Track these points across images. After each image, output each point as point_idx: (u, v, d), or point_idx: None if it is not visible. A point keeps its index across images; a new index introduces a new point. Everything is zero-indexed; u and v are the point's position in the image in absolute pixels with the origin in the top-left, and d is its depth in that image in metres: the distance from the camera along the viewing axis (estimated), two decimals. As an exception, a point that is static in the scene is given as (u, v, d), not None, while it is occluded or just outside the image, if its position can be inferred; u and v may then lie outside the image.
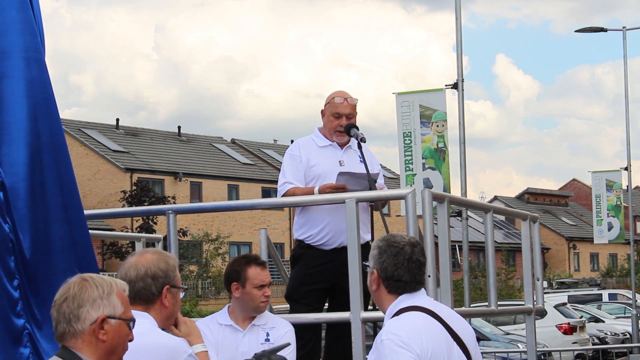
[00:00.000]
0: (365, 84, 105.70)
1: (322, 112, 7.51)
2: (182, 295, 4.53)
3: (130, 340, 3.69)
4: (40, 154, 4.92)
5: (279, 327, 6.09)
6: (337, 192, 7.02)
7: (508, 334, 23.31)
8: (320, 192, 7.10)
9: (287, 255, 51.08)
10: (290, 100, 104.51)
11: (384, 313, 4.50)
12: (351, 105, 7.40)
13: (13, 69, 4.94)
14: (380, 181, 7.31)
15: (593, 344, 26.04)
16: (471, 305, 16.83)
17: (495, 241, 8.33)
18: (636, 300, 28.53)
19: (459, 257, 50.38)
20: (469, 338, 4.48)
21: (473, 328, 4.69)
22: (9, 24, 4.94)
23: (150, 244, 9.00)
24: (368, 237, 7.19)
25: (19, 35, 4.95)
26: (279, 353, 4.57)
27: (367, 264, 4.56)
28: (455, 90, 16.87)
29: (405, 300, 4.43)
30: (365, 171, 7.07)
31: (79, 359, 3.55)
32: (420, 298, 4.46)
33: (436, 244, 6.09)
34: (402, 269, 4.43)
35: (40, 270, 4.82)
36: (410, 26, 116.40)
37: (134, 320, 3.69)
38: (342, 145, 7.44)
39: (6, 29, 4.94)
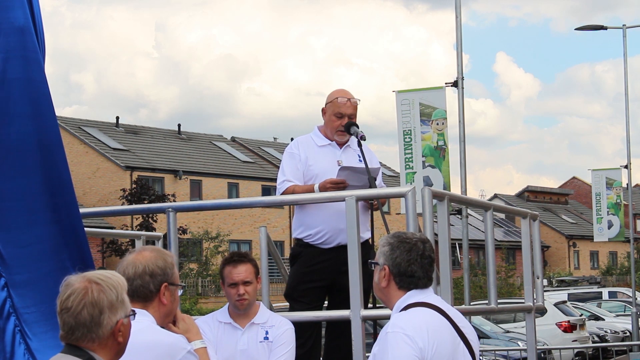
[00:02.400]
0: (367, 82, 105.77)
1: (323, 110, 7.49)
2: (180, 292, 4.53)
3: None
4: (25, 155, 4.91)
5: (278, 326, 6.09)
6: (337, 187, 7.03)
7: (508, 331, 23.31)
8: (321, 188, 7.10)
9: (287, 253, 51.05)
10: (292, 99, 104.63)
11: (391, 309, 4.49)
12: (353, 106, 7.39)
13: (8, 70, 4.93)
14: (378, 180, 7.30)
15: (593, 342, 26.04)
16: (471, 303, 16.83)
17: (495, 239, 8.31)
18: (636, 299, 28.54)
19: (459, 255, 50.38)
20: (473, 337, 4.49)
21: (473, 326, 4.70)
22: (7, 25, 4.93)
23: (150, 242, 8.98)
24: (367, 236, 7.18)
25: (17, 35, 4.94)
26: None
27: (373, 261, 4.55)
28: (456, 89, 16.88)
29: (414, 296, 4.43)
30: (366, 170, 7.06)
31: (91, 357, 3.56)
32: (429, 295, 4.47)
33: (436, 242, 6.08)
34: (416, 264, 4.45)
35: (26, 272, 4.80)
36: (412, 24, 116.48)
37: (134, 312, 3.72)
38: (340, 145, 7.43)
39: (3, 29, 4.94)
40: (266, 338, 6.05)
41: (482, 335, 21.24)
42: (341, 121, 7.35)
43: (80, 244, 4.99)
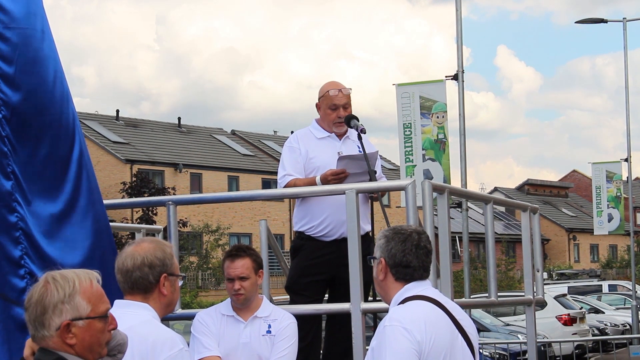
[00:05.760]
0: (368, 75, 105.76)
1: (317, 105, 7.51)
2: (180, 283, 4.52)
3: (113, 328, 3.62)
4: (81, 137, 5.02)
5: (281, 320, 6.10)
6: (338, 177, 7.03)
7: (508, 325, 23.33)
8: (322, 180, 7.10)
9: (287, 246, 51.06)
10: (293, 92, 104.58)
11: (389, 303, 4.49)
12: (346, 96, 7.40)
13: (52, 49, 4.98)
14: (378, 172, 7.31)
15: (593, 335, 26.04)
16: (471, 296, 16.84)
17: (496, 232, 8.33)
18: (636, 292, 28.54)
19: (459, 248, 50.40)
20: (471, 330, 4.50)
21: (473, 319, 4.71)
22: (38, 8, 4.98)
23: (150, 235, 8.99)
24: (368, 228, 7.19)
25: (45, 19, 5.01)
26: None
27: (371, 256, 4.56)
28: (457, 82, 16.87)
29: (411, 289, 4.43)
30: (364, 158, 7.06)
31: (59, 357, 3.49)
32: (426, 288, 4.47)
33: (436, 235, 6.09)
34: (411, 254, 4.45)
35: (97, 250, 4.87)
36: (413, 18, 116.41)
37: (106, 313, 3.58)
38: (340, 136, 7.44)
39: (37, 11, 4.99)
40: (269, 332, 6.05)
41: (482, 329, 21.25)
42: (336, 112, 7.36)
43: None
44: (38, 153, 4.93)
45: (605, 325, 29.41)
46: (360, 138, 7.19)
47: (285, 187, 7.29)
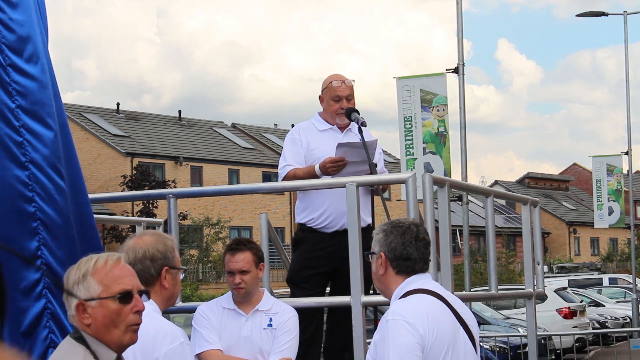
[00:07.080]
0: (369, 68, 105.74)
1: (320, 97, 7.52)
2: (182, 276, 4.52)
3: (139, 311, 3.63)
4: (67, 137, 5.02)
5: (282, 313, 6.10)
6: (337, 165, 7.03)
7: (508, 318, 23.32)
8: (321, 168, 7.11)
9: (288, 239, 51.09)
10: (294, 85, 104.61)
11: (389, 298, 4.49)
12: (349, 87, 7.41)
13: (45, 48, 5.00)
14: (380, 165, 7.31)
15: (593, 328, 26.05)
16: (472, 290, 16.85)
17: (496, 225, 8.34)
18: (636, 285, 28.56)
19: (459, 242, 50.40)
20: (472, 323, 4.51)
21: (473, 312, 4.71)
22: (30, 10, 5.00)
23: (150, 228, 9.00)
24: (369, 220, 7.19)
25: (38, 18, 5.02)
26: None
27: (369, 252, 4.56)
28: (457, 75, 16.87)
29: (413, 282, 4.43)
30: (365, 153, 7.07)
31: (82, 338, 3.58)
32: (427, 281, 4.48)
33: (437, 229, 6.09)
34: (411, 247, 4.45)
35: (80, 251, 4.88)
36: (414, 11, 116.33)
37: (121, 294, 3.60)
38: (342, 128, 7.45)
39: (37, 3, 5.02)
40: (270, 325, 6.06)
41: (482, 322, 21.24)
42: (339, 104, 7.37)
43: (94, 226, 5.12)
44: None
45: (606, 318, 29.41)
46: (360, 131, 7.20)
47: (285, 177, 7.30)
